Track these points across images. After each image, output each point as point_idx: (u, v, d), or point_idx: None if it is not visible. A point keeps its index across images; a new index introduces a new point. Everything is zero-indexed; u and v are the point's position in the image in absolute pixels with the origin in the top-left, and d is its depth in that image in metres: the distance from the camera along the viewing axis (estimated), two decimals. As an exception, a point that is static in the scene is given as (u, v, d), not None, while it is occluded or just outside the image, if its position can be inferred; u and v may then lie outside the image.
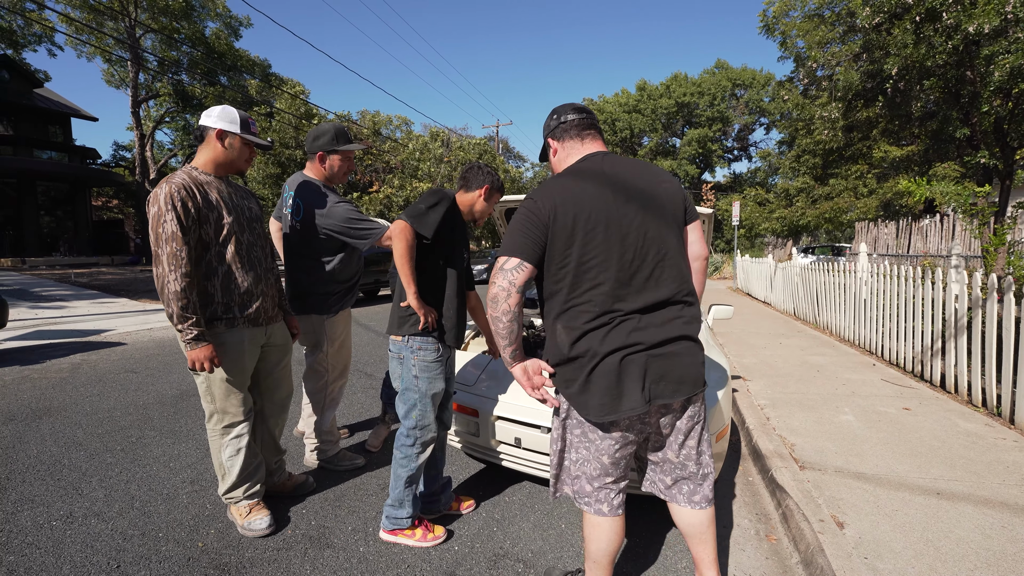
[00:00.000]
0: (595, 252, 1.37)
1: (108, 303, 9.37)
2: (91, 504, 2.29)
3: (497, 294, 1.38)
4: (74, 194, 21.27)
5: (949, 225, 10.54)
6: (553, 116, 1.59)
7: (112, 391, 4.00)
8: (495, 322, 1.42)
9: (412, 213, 1.86)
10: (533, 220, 1.40)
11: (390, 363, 2.06)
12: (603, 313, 1.37)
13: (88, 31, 19.63)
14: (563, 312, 1.42)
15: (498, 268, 1.40)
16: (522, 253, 1.38)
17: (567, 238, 1.38)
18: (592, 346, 1.37)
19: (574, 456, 1.53)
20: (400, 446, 2.01)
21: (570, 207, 1.38)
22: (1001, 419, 3.34)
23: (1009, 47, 7.29)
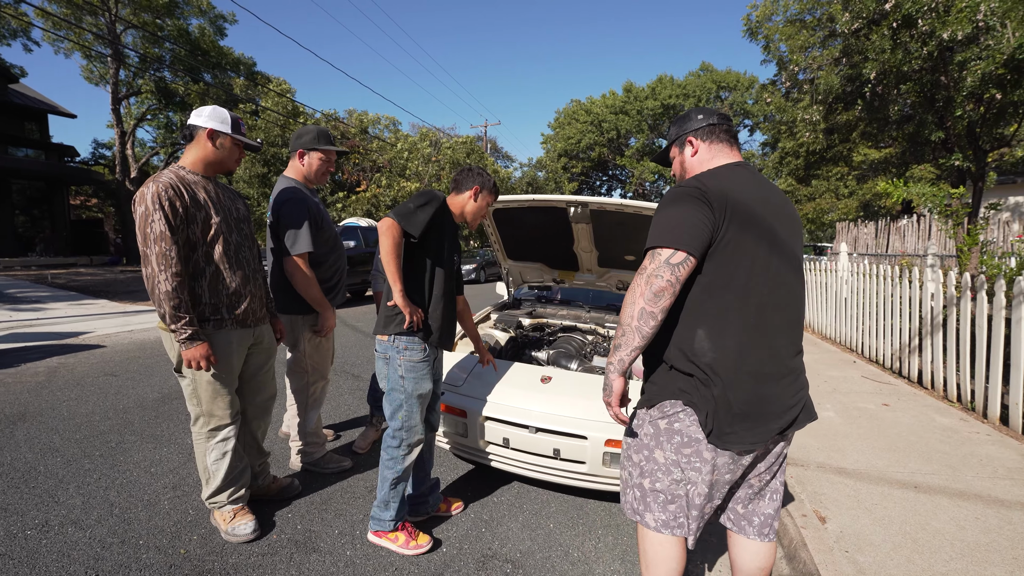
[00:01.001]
0: (756, 264, 1.28)
1: (87, 304, 9.15)
2: (68, 512, 2.24)
3: (664, 288, 1.23)
4: (51, 193, 20.72)
5: (926, 225, 10.81)
6: (699, 116, 1.47)
7: (91, 395, 3.91)
8: (648, 318, 1.25)
9: (400, 211, 1.86)
10: (705, 212, 1.26)
11: (376, 363, 2.05)
12: (750, 328, 1.29)
13: (66, 26, 19.15)
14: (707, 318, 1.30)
15: (663, 260, 1.24)
16: (691, 247, 1.24)
17: (736, 239, 1.27)
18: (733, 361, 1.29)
19: (678, 476, 1.36)
20: (387, 447, 2.00)
21: (744, 207, 1.28)
22: (975, 414, 3.44)
23: (980, 54, 7.52)
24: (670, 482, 1.37)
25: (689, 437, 1.33)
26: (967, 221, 7.16)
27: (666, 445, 1.37)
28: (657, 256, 1.26)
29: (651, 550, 1.41)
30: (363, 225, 11.04)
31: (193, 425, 2.04)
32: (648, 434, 1.41)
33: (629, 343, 1.28)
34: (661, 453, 1.38)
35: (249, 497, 2.19)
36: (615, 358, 1.32)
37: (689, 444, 1.33)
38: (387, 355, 1.98)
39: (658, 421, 1.38)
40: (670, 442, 1.36)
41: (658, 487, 1.39)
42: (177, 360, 1.95)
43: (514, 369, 2.56)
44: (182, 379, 1.99)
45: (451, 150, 22.01)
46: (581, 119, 37.68)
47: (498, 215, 3.37)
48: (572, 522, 2.28)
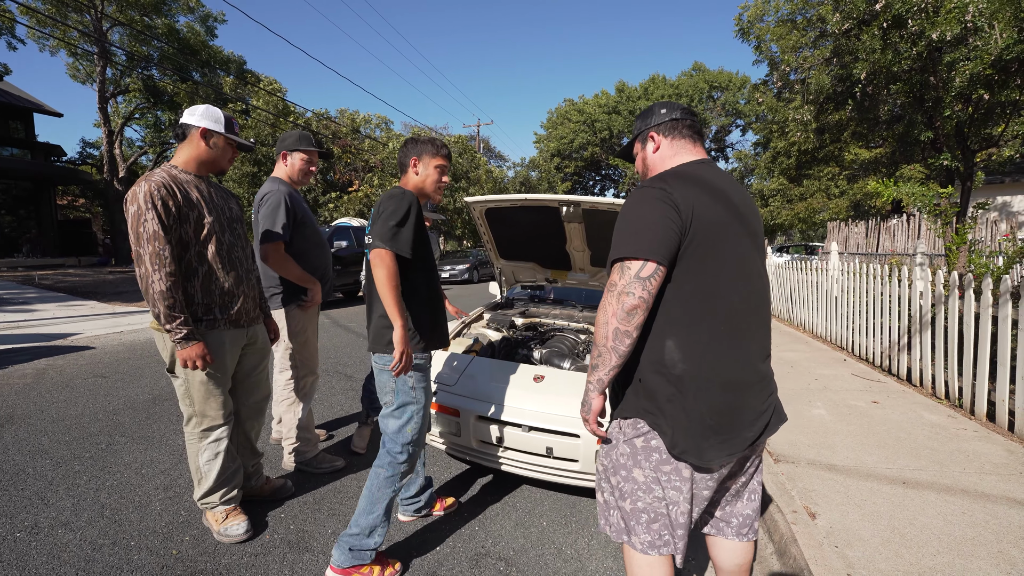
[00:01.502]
0: (722, 269, 1.24)
1: (76, 306, 9.04)
2: (58, 514, 2.21)
3: (636, 306, 1.18)
4: (38, 193, 20.44)
5: (915, 225, 10.95)
6: (662, 110, 1.41)
7: (80, 397, 3.87)
8: (624, 336, 1.20)
9: (384, 235, 1.72)
10: (672, 217, 1.19)
11: (378, 378, 1.88)
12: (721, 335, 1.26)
13: (51, 24, 18.89)
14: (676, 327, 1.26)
15: (633, 275, 1.18)
16: (660, 256, 1.17)
17: (702, 244, 1.21)
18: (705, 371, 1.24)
19: (659, 494, 1.32)
20: (388, 464, 1.83)
21: (709, 211, 1.22)
22: (963, 410, 3.48)
23: (969, 55, 7.62)
24: (652, 500, 1.32)
25: (668, 454, 1.29)
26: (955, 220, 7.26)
27: (644, 464, 1.32)
28: (626, 270, 1.19)
29: (640, 572, 1.35)
30: (355, 225, 11.00)
31: (186, 425, 2.03)
32: (624, 454, 1.35)
33: (606, 363, 1.25)
34: (640, 472, 1.33)
35: (242, 498, 2.18)
36: (594, 377, 1.29)
37: (668, 461, 1.29)
38: (392, 367, 1.83)
39: (634, 440, 1.33)
40: (648, 460, 1.31)
41: (640, 506, 1.34)
42: (170, 360, 1.94)
43: (507, 368, 2.57)
44: (175, 379, 1.97)
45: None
46: (574, 119, 37.74)
47: (491, 215, 3.37)
48: (565, 520, 2.29)
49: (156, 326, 1.93)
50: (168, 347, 1.92)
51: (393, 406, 1.83)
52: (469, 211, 3.42)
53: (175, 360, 1.91)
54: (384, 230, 1.73)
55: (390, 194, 1.83)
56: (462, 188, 22.13)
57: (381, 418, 1.87)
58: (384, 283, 1.71)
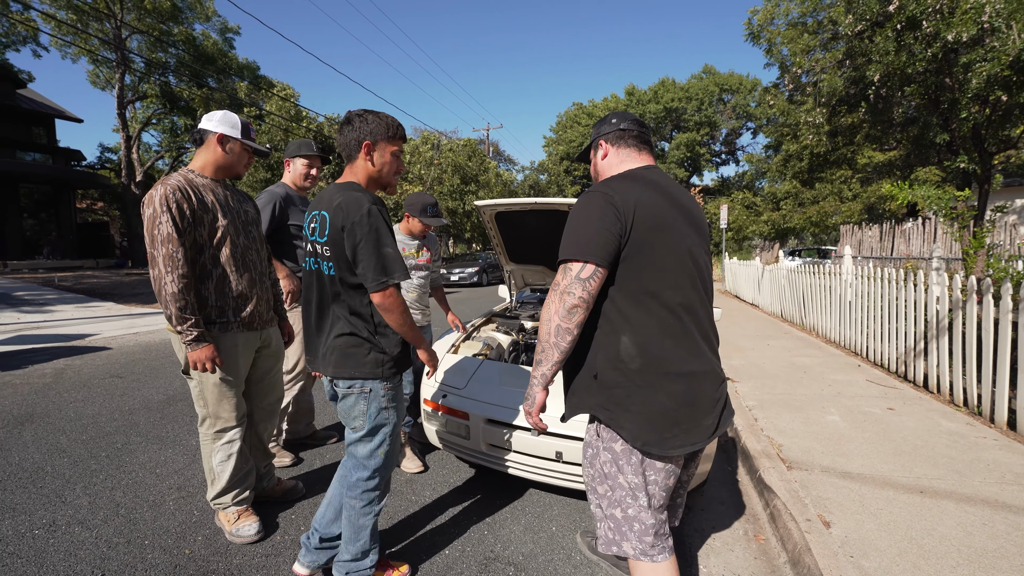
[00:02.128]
0: (668, 265, 1.30)
1: (93, 307, 9.21)
2: (75, 512, 2.25)
3: (576, 305, 1.25)
4: (58, 196, 20.91)
5: (931, 228, 10.76)
6: (612, 120, 1.51)
7: (97, 396, 3.93)
8: (565, 334, 1.27)
9: (383, 268, 1.53)
10: (611, 220, 1.25)
11: (344, 403, 1.68)
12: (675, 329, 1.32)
13: (73, 32, 19.36)
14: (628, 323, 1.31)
15: (574, 276, 1.25)
16: (599, 258, 1.24)
17: (646, 242, 1.27)
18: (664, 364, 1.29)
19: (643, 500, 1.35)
20: (360, 494, 1.69)
21: (651, 210, 1.29)
22: (982, 418, 3.41)
23: (986, 55, 7.48)
24: (638, 508, 1.35)
25: (639, 455, 1.34)
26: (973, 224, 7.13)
27: (626, 468, 1.35)
28: (568, 271, 1.26)
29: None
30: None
31: (200, 426, 2.06)
32: (607, 460, 1.38)
33: (549, 359, 1.30)
34: (624, 478, 1.36)
35: (254, 499, 2.20)
36: (538, 372, 1.34)
37: (643, 459, 1.34)
38: (366, 389, 1.65)
39: (613, 445, 1.36)
40: (628, 463, 1.35)
41: (631, 513, 1.36)
42: (185, 361, 1.97)
43: (516, 371, 2.57)
44: (190, 380, 2.00)
45: (452, 152, 22.05)
46: (583, 122, 37.73)
47: (501, 218, 3.38)
48: (575, 525, 2.28)
49: (171, 327, 1.96)
50: (183, 348, 1.95)
51: (363, 430, 1.66)
52: (479, 214, 3.42)
53: (189, 361, 1.94)
54: (376, 259, 1.52)
55: (350, 203, 1.53)
56: (472, 191, 22.20)
57: (349, 444, 1.70)
58: (401, 322, 1.58)
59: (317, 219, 1.61)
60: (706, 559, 2.06)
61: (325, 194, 1.63)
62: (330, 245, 1.56)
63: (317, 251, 1.61)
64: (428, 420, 2.59)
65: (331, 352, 1.63)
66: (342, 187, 1.61)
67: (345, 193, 1.56)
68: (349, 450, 1.71)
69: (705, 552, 2.11)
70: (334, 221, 1.54)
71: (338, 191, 1.59)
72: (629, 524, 1.37)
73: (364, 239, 1.51)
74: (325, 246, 1.57)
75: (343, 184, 1.63)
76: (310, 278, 1.68)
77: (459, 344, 2.99)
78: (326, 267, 1.60)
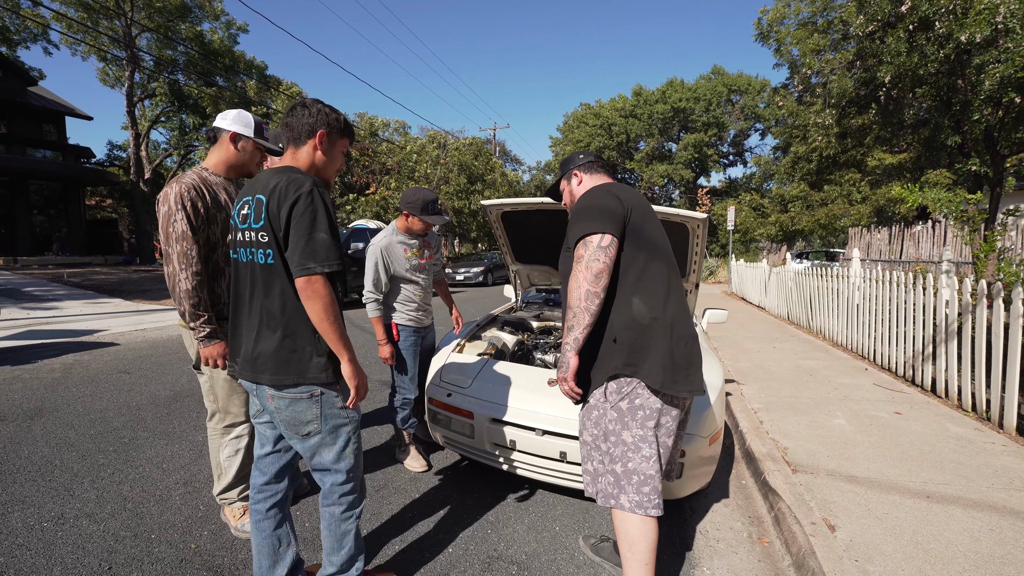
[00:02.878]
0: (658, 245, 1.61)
1: (101, 303, 9.30)
2: (83, 505, 2.28)
3: (602, 270, 1.47)
4: (67, 193, 21.12)
5: (941, 231, 10.65)
6: (579, 156, 1.83)
7: (105, 392, 3.97)
8: (594, 297, 1.47)
9: (312, 253, 1.36)
10: (617, 205, 1.56)
11: (287, 410, 1.48)
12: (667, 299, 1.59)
13: (83, 30, 19.55)
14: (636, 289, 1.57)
15: (596, 245, 1.48)
16: (614, 230, 1.51)
17: (642, 225, 1.58)
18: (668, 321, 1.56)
19: (647, 452, 1.55)
20: (337, 501, 1.57)
21: (640, 202, 1.62)
22: (990, 423, 3.38)
23: (999, 57, 7.38)
24: (640, 460, 1.54)
25: (651, 409, 1.54)
26: (984, 227, 7.05)
27: (631, 424, 1.55)
28: (589, 243, 1.49)
29: (632, 531, 1.54)
30: (372, 227, 11.13)
31: (209, 421, 2.09)
32: (613, 419, 1.57)
33: (581, 322, 1.48)
34: (629, 433, 1.55)
35: None
36: (570, 338, 1.50)
37: (652, 416, 1.54)
38: (316, 392, 1.47)
39: (620, 404, 1.56)
40: (634, 419, 1.54)
41: (631, 467, 1.55)
42: (196, 357, 2.00)
43: (521, 371, 2.57)
44: (200, 376, 2.03)
45: (458, 152, 22.05)
46: (591, 122, 37.63)
47: (507, 218, 3.38)
48: (578, 525, 2.28)
49: (184, 324, 1.98)
50: (195, 344, 1.98)
51: (321, 433, 1.50)
52: (485, 214, 3.42)
53: (200, 357, 1.96)
54: (311, 244, 1.37)
55: (290, 184, 1.39)
56: (478, 191, 22.21)
57: (308, 454, 1.53)
58: (326, 316, 1.38)
59: (251, 204, 1.45)
60: (710, 561, 2.06)
61: (260, 178, 1.49)
62: (267, 231, 1.41)
63: (251, 239, 1.45)
64: (432, 419, 2.59)
65: (266, 357, 1.44)
66: (281, 170, 1.47)
67: (285, 175, 1.43)
68: (313, 463, 1.54)
69: (708, 554, 2.11)
70: (270, 204, 1.40)
71: (276, 174, 1.45)
72: (628, 477, 1.55)
73: (299, 219, 1.37)
74: (261, 232, 1.42)
75: (282, 168, 1.49)
76: (241, 271, 1.51)
77: (464, 343, 2.99)
78: (261, 256, 1.44)
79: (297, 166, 1.51)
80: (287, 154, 1.54)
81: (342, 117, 1.57)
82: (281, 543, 1.63)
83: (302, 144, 1.52)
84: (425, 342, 2.82)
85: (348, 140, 1.61)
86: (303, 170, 1.50)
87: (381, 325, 2.61)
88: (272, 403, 1.49)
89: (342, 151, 1.60)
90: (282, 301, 1.43)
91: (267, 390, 1.47)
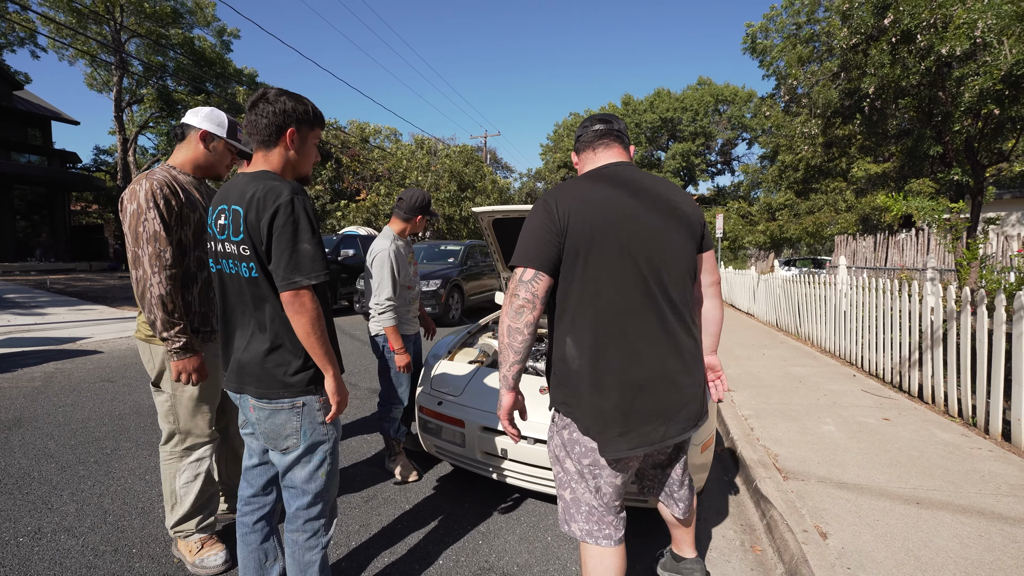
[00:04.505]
0: (611, 268, 1.31)
1: (85, 310, 9.12)
2: (61, 519, 2.21)
3: (522, 306, 1.30)
4: (52, 198, 20.78)
5: (925, 239, 10.86)
6: (578, 133, 1.56)
7: (87, 401, 3.88)
8: (516, 334, 1.31)
9: (296, 266, 1.32)
10: (548, 227, 1.32)
11: (267, 422, 1.44)
12: (611, 330, 1.33)
13: (71, 35, 19.38)
14: (571, 326, 1.37)
15: (518, 279, 1.32)
16: (539, 263, 1.31)
17: (583, 247, 1.31)
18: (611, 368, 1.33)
19: (590, 484, 1.42)
20: (304, 524, 1.48)
21: (590, 215, 1.32)
22: (977, 429, 3.42)
23: (978, 70, 7.58)
24: (583, 490, 1.43)
25: (586, 447, 1.38)
26: (966, 235, 7.19)
27: (572, 455, 1.42)
28: (515, 275, 1.34)
29: (589, 561, 1.44)
30: (362, 234, 11.08)
31: (164, 444, 1.91)
32: (558, 445, 1.46)
33: (506, 359, 1.34)
34: (571, 463, 1.43)
35: (219, 526, 2.08)
36: (500, 375, 1.38)
37: (587, 454, 1.38)
38: (298, 404, 1.43)
39: (562, 432, 1.43)
40: (572, 452, 1.41)
41: (576, 496, 1.44)
42: (157, 373, 1.86)
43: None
44: (159, 394, 1.88)
45: (448, 159, 22.10)
46: (581, 131, 37.95)
47: (498, 225, 3.38)
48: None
49: (142, 335, 1.84)
50: (156, 358, 1.84)
51: (299, 450, 1.44)
52: (476, 221, 3.41)
53: (163, 373, 1.83)
54: (295, 255, 1.32)
55: (268, 193, 1.33)
56: (468, 198, 22.24)
57: (282, 469, 1.48)
58: (312, 330, 1.35)
59: (227, 215, 1.39)
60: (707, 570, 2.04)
61: (235, 185, 1.42)
62: (248, 244, 1.36)
63: (233, 252, 1.39)
64: (423, 428, 2.56)
65: (252, 367, 1.41)
66: (256, 176, 1.39)
67: (261, 183, 1.36)
68: (285, 480, 1.48)
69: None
70: (248, 216, 1.34)
71: (251, 181, 1.38)
72: (576, 506, 1.44)
73: (280, 231, 1.32)
74: (242, 245, 1.37)
75: (257, 173, 1.41)
76: (227, 283, 1.45)
77: (455, 351, 2.97)
78: (246, 269, 1.39)
79: (271, 169, 1.44)
80: (257, 156, 1.45)
81: (309, 107, 1.47)
82: (268, 557, 1.59)
83: (273, 147, 1.44)
84: (413, 349, 2.83)
85: (319, 129, 1.53)
86: (278, 172, 1.44)
87: (398, 334, 2.56)
88: (254, 413, 1.46)
89: (315, 142, 1.53)
90: (271, 313, 1.40)
91: (250, 400, 1.45)
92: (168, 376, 1.84)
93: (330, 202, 21.12)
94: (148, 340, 1.85)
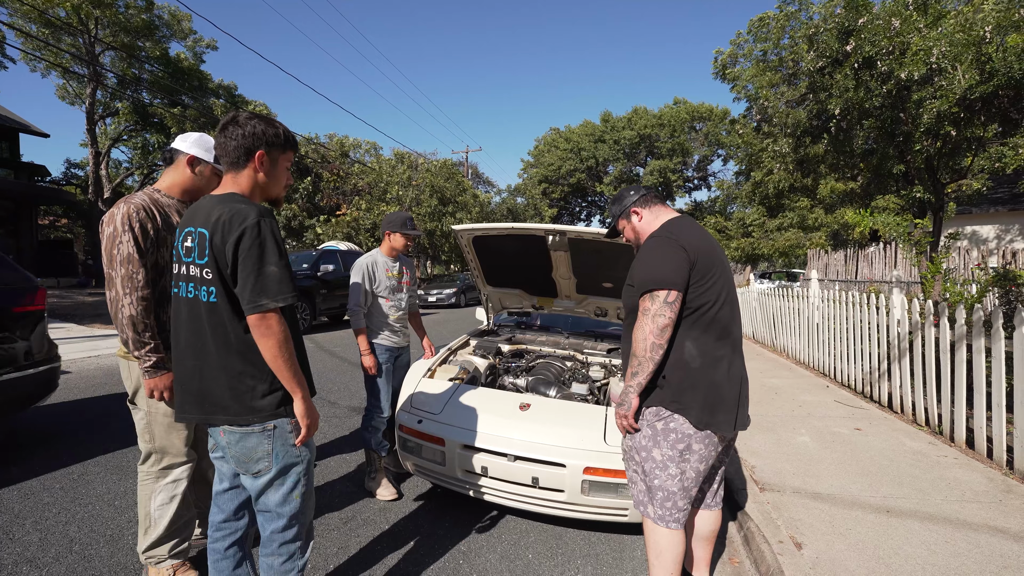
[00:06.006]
0: (720, 289, 1.65)
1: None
2: (23, 549, 2.12)
3: (667, 325, 1.58)
4: (19, 212, 20.06)
5: (892, 252, 11.27)
6: (630, 192, 1.89)
7: (53, 424, 3.73)
8: (658, 349, 1.59)
9: (263, 289, 1.31)
10: (682, 256, 1.61)
11: (237, 446, 1.41)
12: (724, 337, 1.66)
13: (43, 47, 18.97)
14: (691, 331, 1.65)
15: (662, 301, 1.57)
16: (679, 285, 1.59)
17: (706, 272, 1.63)
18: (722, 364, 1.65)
19: (673, 471, 1.65)
20: (279, 547, 1.46)
21: (704, 247, 1.66)
22: (943, 437, 3.54)
23: (935, 93, 8.01)
24: (666, 478, 1.66)
25: (682, 434, 1.63)
26: (930, 249, 7.49)
27: (663, 443, 1.65)
28: (656, 298, 1.59)
29: (659, 540, 1.68)
30: (343, 249, 10.98)
31: (142, 464, 1.89)
32: (646, 435, 1.69)
33: (645, 370, 1.61)
34: (659, 451, 1.66)
35: (193, 552, 2.03)
36: (634, 382, 1.64)
37: (682, 440, 1.63)
38: (269, 427, 1.41)
39: (655, 423, 1.67)
40: (666, 440, 1.65)
41: (656, 484, 1.67)
42: (133, 389, 1.86)
43: (493, 396, 2.56)
44: (136, 411, 1.87)
45: (429, 173, 22.15)
46: (561, 146, 38.56)
47: (478, 242, 3.41)
48: (551, 552, 2.26)
49: (123, 353, 1.85)
50: (133, 376, 1.84)
51: (271, 473, 1.42)
52: (456, 238, 3.45)
53: (139, 390, 1.84)
54: (262, 279, 1.31)
55: (234, 216, 1.32)
56: (449, 213, 22.28)
57: (255, 493, 1.46)
58: (279, 353, 1.33)
59: (194, 237, 1.37)
60: None
61: (201, 207, 1.40)
62: (212, 268, 1.34)
63: (195, 275, 1.37)
64: (403, 447, 2.54)
65: (215, 395, 1.38)
66: (223, 199, 1.38)
67: (227, 205, 1.35)
68: (258, 504, 1.46)
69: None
70: (214, 239, 1.33)
71: (218, 203, 1.36)
72: (654, 492, 1.69)
73: (246, 254, 1.30)
74: (206, 268, 1.35)
75: (224, 196, 1.40)
76: (186, 307, 1.41)
77: (435, 368, 2.97)
78: (205, 293, 1.36)
79: (239, 191, 1.42)
80: (226, 178, 1.44)
81: (280, 130, 1.47)
82: None
83: (241, 168, 1.42)
84: (399, 362, 2.88)
85: (291, 152, 1.52)
86: (246, 194, 1.43)
87: (365, 337, 2.73)
88: (224, 437, 1.43)
89: (286, 166, 1.51)
90: (232, 338, 1.37)
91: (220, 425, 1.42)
92: (143, 392, 1.83)
93: (308, 217, 20.93)
94: (126, 357, 1.85)
